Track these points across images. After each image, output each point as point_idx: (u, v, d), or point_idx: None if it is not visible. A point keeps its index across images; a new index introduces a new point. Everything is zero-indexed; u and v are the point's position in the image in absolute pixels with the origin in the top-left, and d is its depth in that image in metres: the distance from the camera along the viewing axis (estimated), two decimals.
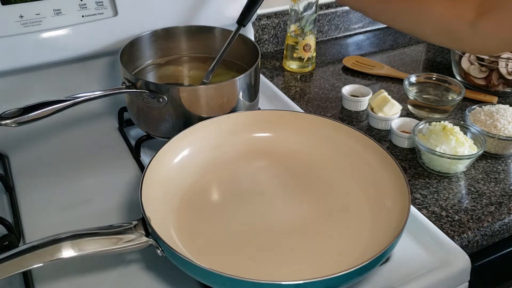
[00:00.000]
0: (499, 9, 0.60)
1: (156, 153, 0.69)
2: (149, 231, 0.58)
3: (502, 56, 0.98)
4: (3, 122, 0.63)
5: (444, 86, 0.98)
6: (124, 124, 0.89)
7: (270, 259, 0.61)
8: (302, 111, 0.92)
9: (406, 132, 0.85)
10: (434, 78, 0.98)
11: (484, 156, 0.83)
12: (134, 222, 0.59)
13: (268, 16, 1.16)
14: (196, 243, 0.63)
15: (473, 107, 0.88)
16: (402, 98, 0.97)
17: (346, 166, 0.74)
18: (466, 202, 0.74)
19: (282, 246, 0.63)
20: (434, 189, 0.77)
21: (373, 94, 0.93)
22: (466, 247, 0.68)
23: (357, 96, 0.96)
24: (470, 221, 0.71)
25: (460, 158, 0.76)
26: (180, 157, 0.73)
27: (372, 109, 0.90)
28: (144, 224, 0.59)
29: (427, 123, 0.83)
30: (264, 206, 0.69)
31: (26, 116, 0.64)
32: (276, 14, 1.17)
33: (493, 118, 0.84)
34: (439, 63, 1.15)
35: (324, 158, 0.76)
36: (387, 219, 0.63)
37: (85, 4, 0.85)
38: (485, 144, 0.79)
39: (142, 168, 0.78)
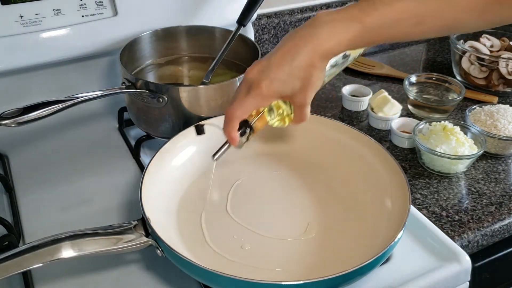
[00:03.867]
0: None
1: (156, 153, 0.69)
2: (149, 231, 0.58)
3: (502, 56, 0.98)
4: (3, 122, 0.63)
5: (444, 86, 0.98)
6: (124, 124, 0.89)
7: (270, 259, 0.61)
8: None
9: (406, 132, 0.85)
10: (434, 78, 0.98)
11: (484, 156, 0.83)
12: (134, 222, 0.59)
13: (268, 16, 1.16)
14: (196, 243, 0.62)
15: (473, 107, 0.88)
16: (402, 98, 0.97)
17: (346, 166, 0.73)
18: (467, 202, 0.74)
19: (282, 246, 0.63)
20: (434, 189, 0.76)
21: (373, 94, 0.93)
22: (466, 247, 0.68)
23: (357, 96, 0.96)
24: (470, 221, 0.71)
25: (460, 158, 0.76)
26: (180, 157, 0.73)
27: (372, 109, 0.90)
28: (144, 224, 0.59)
29: (427, 123, 0.83)
30: (264, 206, 0.69)
31: (26, 116, 0.64)
32: (276, 14, 1.17)
33: (493, 118, 0.84)
34: (439, 63, 1.15)
35: (324, 158, 0.75)
36: (387, 219, 0.63)
37: (85, 4, 0.85)
38: (485, 144, 0.79)
39: (142, 168, 0.78)
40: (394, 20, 0.56)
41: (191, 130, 0.74)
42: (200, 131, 0.72)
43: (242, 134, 0.62)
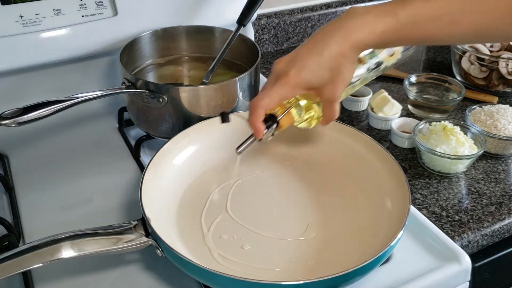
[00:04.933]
0: None
1: (156, 153, 0.69)
2: (149, 231, 0.58)
3: (502, 56, 0.98)
4: (3, 122, 0.63)
5: (444, 86, 0.98)
6: (124, 124, 0.89)
7: (270, 259, 0.61)
8: None
9: (406, 132, 0.85)
10: (434, 78, 0.98)
11: (484, 156, 0.83)
12: (134, 222, 0.59)
13: (268, 16, 1.16)
14: (196, 243, 0.62)
15: (473, 107, 0.88)
16: (402, 98, 0.97)
17: (346, 166, 0.73)
18: (466, 202, 0.74)
19: (282, 246, 0.63)
20: (434, 189, 0.76)
21: (373, 94, 0.93)
22: (466, 247, 0.68)
23: (357, 96, 0.96)
24: (470, 221, 0.71)
25: (460, 158, 0.76)
26: (180, 157, 0.73)
27: (372, 109, 0.90)
28: (144, 224, 0.59)
29: (427, 123, 0.83)
30: (264, 206, 0.69)
31: (26, 116, 0.64)
32: (276, 14, 1.17)
33: (493, 118, 0.84)
34: (439, 63, 1.15)
35: (324, 158, 0.75)
36: (387, 219, 0.63)
37: (85, 4, 0.85)
38: (485, 144, 0.79)
39: (142, 168, 0.78)
40: (428, 17, 0.55)
41: (193, 129, 0.74)
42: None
43: (267, 128, 0.60)
